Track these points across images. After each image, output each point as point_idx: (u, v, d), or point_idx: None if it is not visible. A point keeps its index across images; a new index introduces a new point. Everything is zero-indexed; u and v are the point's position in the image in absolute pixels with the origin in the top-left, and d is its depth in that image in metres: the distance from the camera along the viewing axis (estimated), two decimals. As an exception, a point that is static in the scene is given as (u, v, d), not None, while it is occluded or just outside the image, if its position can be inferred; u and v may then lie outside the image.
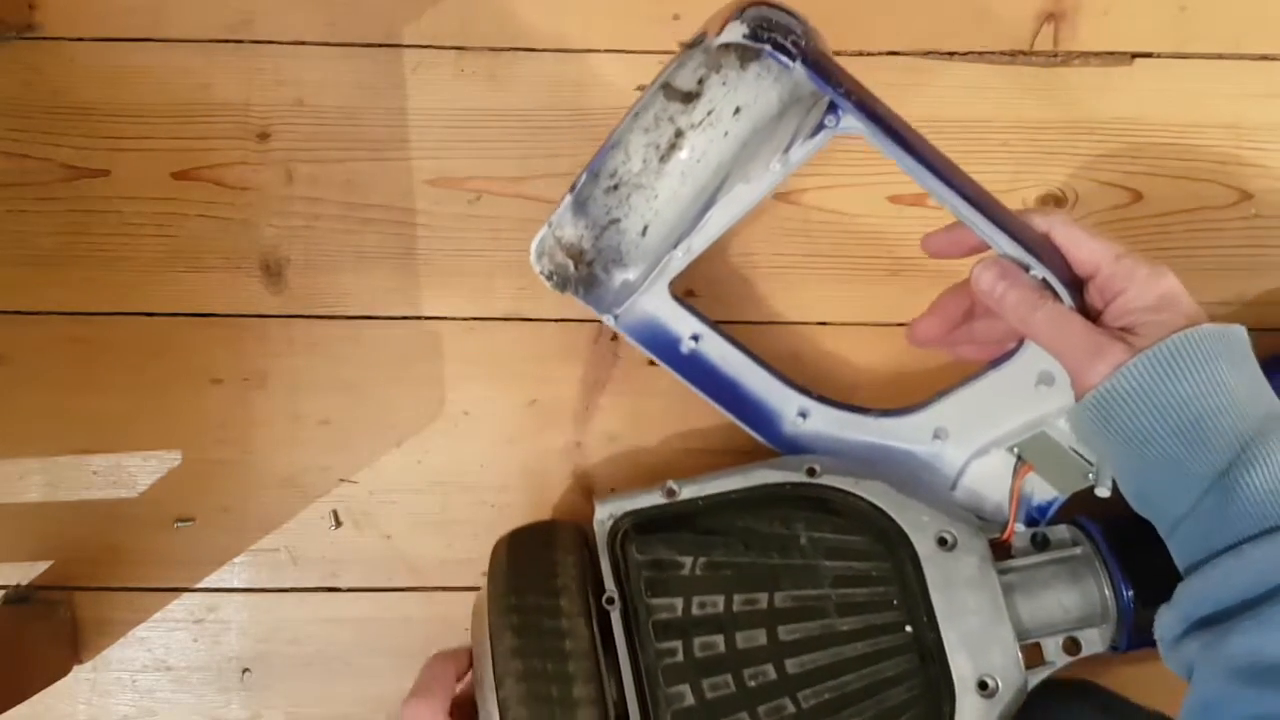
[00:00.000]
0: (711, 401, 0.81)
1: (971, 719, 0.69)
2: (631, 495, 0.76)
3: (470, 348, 0.89)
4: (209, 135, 0.88)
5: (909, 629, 0.71)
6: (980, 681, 0.69)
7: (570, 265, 0.77)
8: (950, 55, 0.89)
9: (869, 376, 0.90)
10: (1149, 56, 0.89)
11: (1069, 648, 0.74)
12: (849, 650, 0.70)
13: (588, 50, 0.89)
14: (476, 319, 0.89)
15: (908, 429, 0.79)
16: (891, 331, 0.89)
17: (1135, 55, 0.89)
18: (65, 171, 0.88)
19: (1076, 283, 0.68)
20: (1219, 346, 0.61)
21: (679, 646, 0.70)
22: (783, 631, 0.71)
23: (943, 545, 0.72)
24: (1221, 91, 0.90)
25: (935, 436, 0.78)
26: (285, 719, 0.90)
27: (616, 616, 0.72)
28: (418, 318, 0.89)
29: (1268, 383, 0.63)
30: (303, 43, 0.88)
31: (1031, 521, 0.77)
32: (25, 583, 0.89)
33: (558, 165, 0.89)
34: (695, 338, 0.80)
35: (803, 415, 0.80)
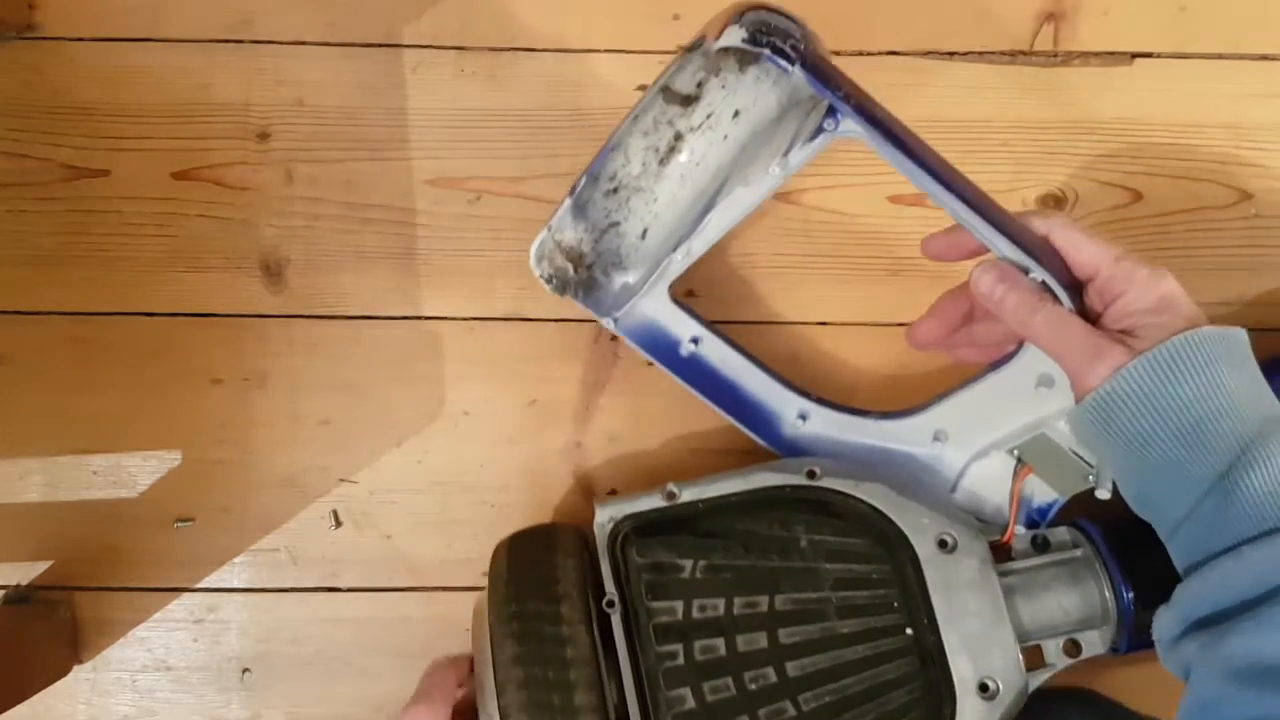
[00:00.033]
0: (711, 404, 0.81)
1: None
2: (631, 498, 0.76)
3: (470, 348, 0.89)
4: (209, 135, 0.88)
5: (909, 631, 0.71)
6: (981, 684, 0.69)
7: (570, 269, 0.77)
8: (950, 55, 0.89)
9: (869, 377, 0.90)
10: (1149, 56, 0.89)
11: (1069, 650, 0.74)
12: (849, 653, 0.70)
13: (588, 50, 0.89)
14: (476, 319, 0.89)
15: (908, 431, 0.79)
16: (891, 331, 0.89)
17: (1135, 55, 0.89)
18: (65, 171, 0.88)
19: (1076, 285, 0.68)
20: (1219, 349, 0.61)
21: (679, 649, 0.70)
22: (783, 634, 0.71)
23: (943, 547, 0.72)
24: (1221, 91, 0.90)
25: (935, 439, 0.78)
26: (285, 719, 0.90)
27: (617, 620, 0.72)
28: (418, 318, 0.89)
29: (1268, 385, 0.63)
30: (303, 43, 0.88)
31: (1032, 524, 0.77)
32: (25, 583, 0.89)
33: (558, 165, 0.89)
34: (695, 340, 0.80)
35: (802, 417, 0.80)
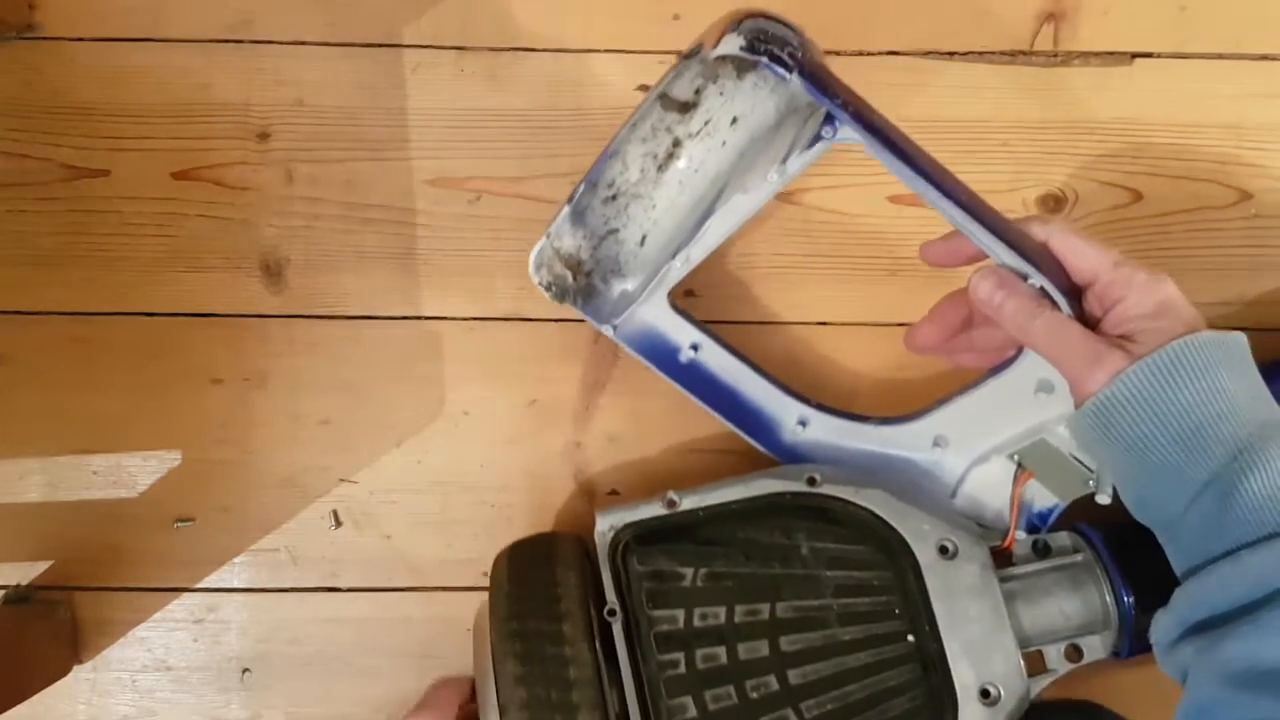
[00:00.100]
0: (711, 411, 0.81)
1: None
2: (632, 506, 0.76)
3: (470, 348, 0.89)
4: (209, 135, 0.88)
5: (911, 638, 0.71)
6: (983, 690, 0.69)
7: (569, 276, 0.77)
8: (950, 55, 0.89)
9: (869, 378, 0.90)
10: (1149, 56, 0.89)
11: (1071, 655, 0.75)
12: (851, 660, 0.71)
13: (588, 50, 0.89)
14: (476, 319, 0.89)
15: (908, 437, 0.79)
16: (891, 332, 0.89)
17: (1135, 55, 0.89)
18: (65, 171, 0.88)
19: (1075, 291, 0.68)
20: (1218, 353, 0.61)
21: (681, 658, 0.70)
22: (785, 642, 0.71)
23: (944, 553, 0.72)
24: (1221, 91, 0.90)
25: (935, 444, 0.78)
26: (285, 719, 0.90)
27: (618, 629, 0.71)
28: (418, 318, 0.89)
29: (1268, 389, 0.63)
30: (303, 43, 0.88)
31: (1032, 529, 0.77)
32: (25, 583, 0.89)
33: (558, 165, 0.89)
34: (694, 347, 0.80)
35: (802, 424, 0.80)
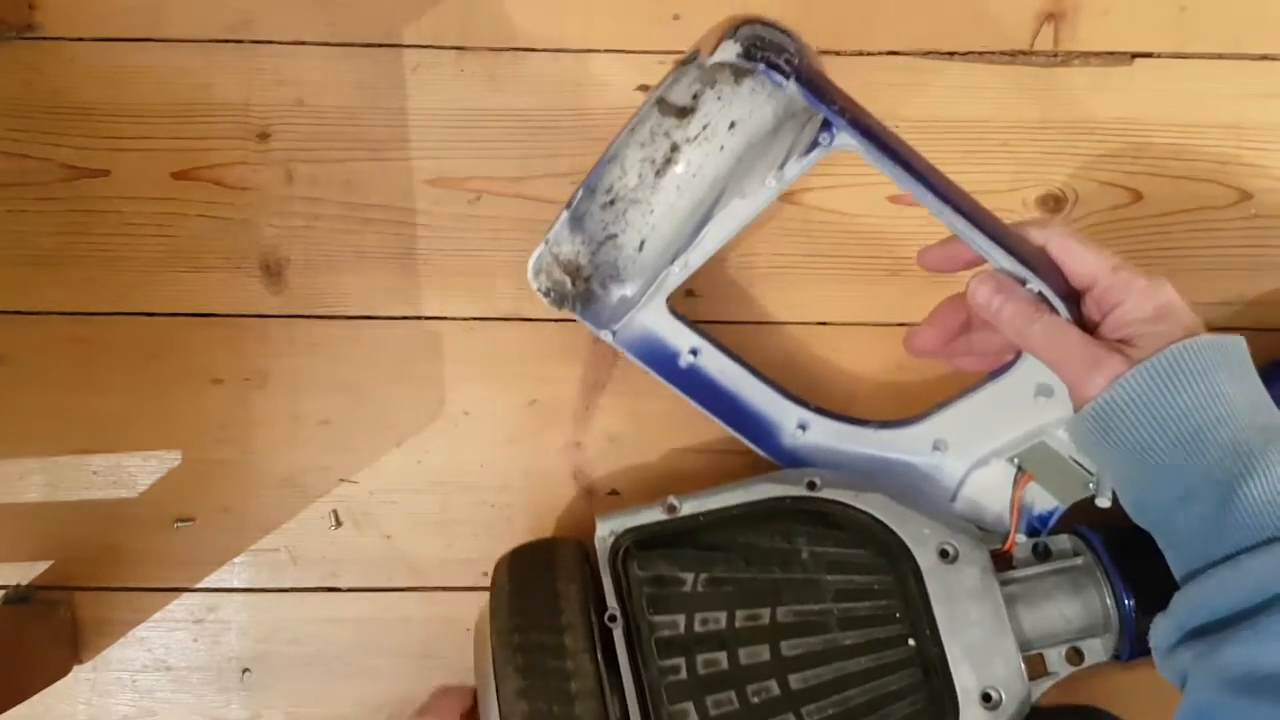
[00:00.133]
0: (710, 415, 0.81)
1: None
2: (632, 511, 0.76)
3: (470, 348, 0.89)
4: (209, 135, 0.88)
5: (912, 642, 0.72)
6: (984, 694, 0.69)
7: (568, 281, 0.77)
8: (950, 55, 0.89)
9: (868, 380, 0.90)
10: (1149, 56, 0.89)
11: (1072, 658, 0.75)
12: (852, 665, 0.71)
13: (588, 50, 0.89)
14: (476, 319, 0.89)
15: (907, 440, 0.79)
16: (891, 332, 0.89)
17: (1135, 55, 0.89)
18: (65, 171, 0.88)
19: (1073, 295, 0.68)
20: (1217, 357, 0.61)
21: (682, 664, 0.70)
22: (785, 647, 0.71)
23: (944, 557, 0.72)
24: (1221, 91, 0.90)
25: (935, 448, 0.78)
26: (285, 719, 0.91)
27: (619, 635, 0.71)
28: (418, 318, 0.89)
29: (1267, 393, 0.63)
30: (303, 43, 0.88)
31: (1032, 532, 0.77)
32: (25, 583, 0.89)
33: (558, 165, 0.89)
34: (694, 352, 0.80)
35: (802, 428, 0.80)
